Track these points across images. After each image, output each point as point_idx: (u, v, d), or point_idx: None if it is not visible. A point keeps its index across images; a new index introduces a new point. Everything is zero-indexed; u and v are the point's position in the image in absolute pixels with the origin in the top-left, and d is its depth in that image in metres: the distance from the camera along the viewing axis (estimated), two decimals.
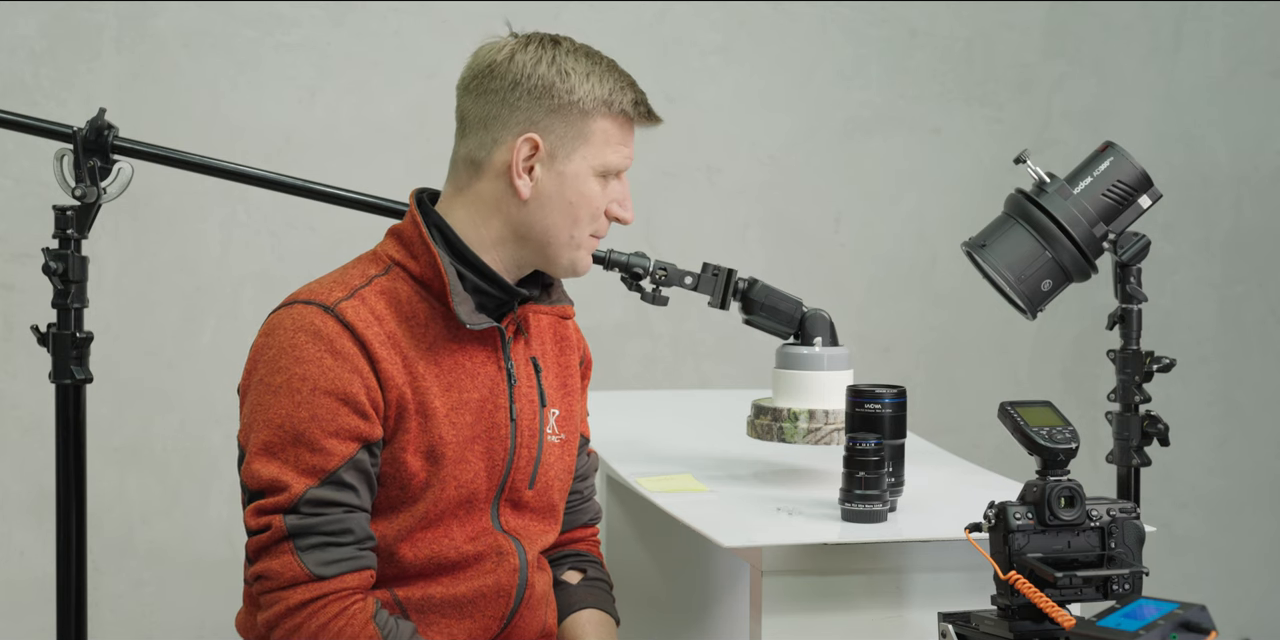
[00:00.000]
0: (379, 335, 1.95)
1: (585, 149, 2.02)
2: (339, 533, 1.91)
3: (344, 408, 1.91)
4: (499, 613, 2.05)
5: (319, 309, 1.94)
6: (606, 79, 2.04)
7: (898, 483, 2.18)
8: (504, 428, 2.04)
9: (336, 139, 3.59)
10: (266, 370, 1.94)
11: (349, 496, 1.92)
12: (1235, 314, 4.15)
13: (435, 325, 1.99)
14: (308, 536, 1.90)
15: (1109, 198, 2.38)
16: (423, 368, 1.97)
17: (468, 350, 2.02)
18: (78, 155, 2.20)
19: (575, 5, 3.68)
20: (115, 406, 3.47)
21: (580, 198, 2.02)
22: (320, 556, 1.90)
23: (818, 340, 2.34)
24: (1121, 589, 1.86)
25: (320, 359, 1.92)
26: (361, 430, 1.93)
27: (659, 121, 2.08)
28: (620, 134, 2.05)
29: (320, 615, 1.90)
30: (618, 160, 2.05)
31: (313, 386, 1.91)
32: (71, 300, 2.21)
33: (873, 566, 2.07)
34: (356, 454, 1.92)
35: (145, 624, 3.57)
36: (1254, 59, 4.11)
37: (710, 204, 3.82)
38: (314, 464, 1.91)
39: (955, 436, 3.49)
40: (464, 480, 2.00)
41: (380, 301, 1.98)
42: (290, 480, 1.90)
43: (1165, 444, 2.45)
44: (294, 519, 1.90)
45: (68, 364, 2.21)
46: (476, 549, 2.03)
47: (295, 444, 1.91)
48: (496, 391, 2.03)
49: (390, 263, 2.02)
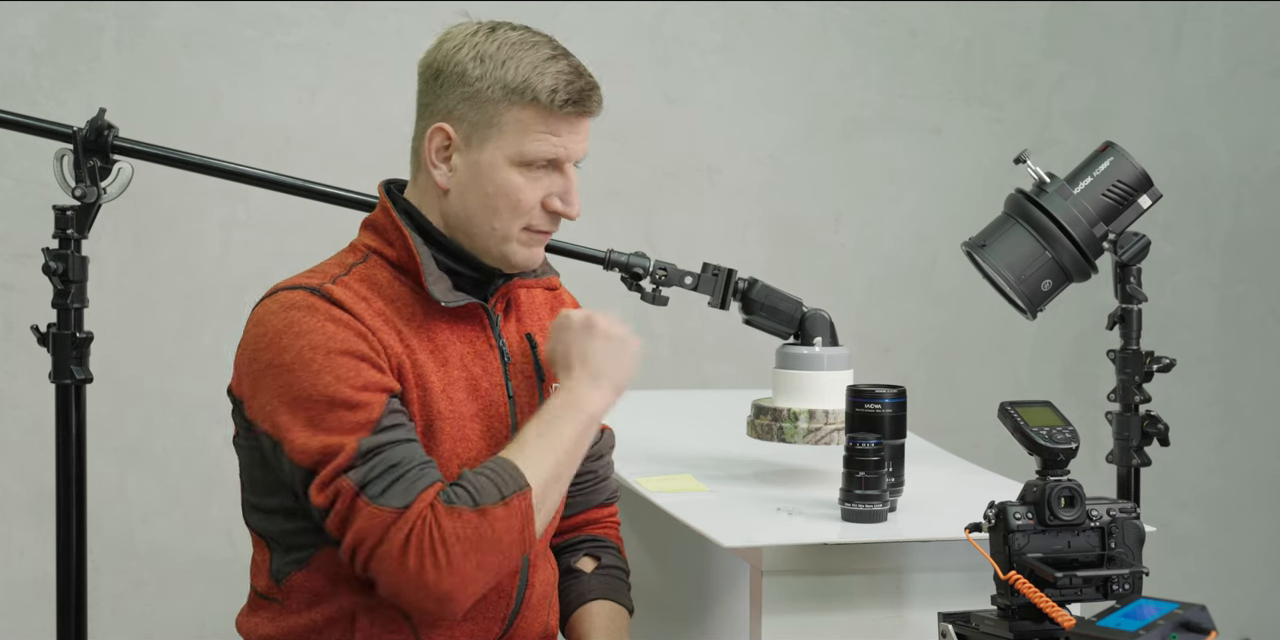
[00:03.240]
0: (368, 311, 1.95)
1: (499, 138, 1.96)
2: (395, 465, 1.87)
3: (362, 364, 1.90)
4: (499, 615, 2.04)
5: (305, 292, 1.94)
6: (524, 66, 1.96)
7: (898, 483, 2.18)
8: (503, 406, 2.03)
9: (336, 139, 3.59)
10: (273, 352, 1.92)
11: (398, 433, 1.89)
12: (1235, 314, 4.15)
13: (419, 307, 1.99)
14: (375, 484, 1.86)
15: (1109, 198, 2.39)
16: (415, 345, 1.97)
17: (456, 329, 2.01)
18: (78, 155, 2.20)
19: (575, 5, 3.68)
20: (115, 406, 3.47)
21: (497, 188, 1.98)
22: (394, 493, 1.85)
23: (818, 340, 2.34)
24: (1121, 589, 1.86)
25: (321, 327, 1.91)
26: (384, 382, 1.91)
27: (585, 112, 1.99)
28: (542, 123, 1.97)
29: (424, 536, 1.84)
30: (537, 150, 1.97)
31: (325, 351, 1.89)
32: (71, 300, 2.21)
33: (873, 566, 2.07)
34: (389, 401, 1.90)
35: (145, 624, 3.57)
36: (1254, 59, 4.11)
37: (710, 204, 3.82)
38: (357, 420, 1.88)
39: (955, 436, 3.49)
40: (466, 458, 1.99)
41: (362, 286, 1.98)
42: (341, 441, 1.87)
43: (1165, 444, 2.45)
44: (357, 473, 1.86)
45: (68, 364, 2.21)
46: None
47: (331, 408, 1.88)
48: (490, 369, 2.03)
49: (367, 251, 2.02)
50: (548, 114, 1.97)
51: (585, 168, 2.07)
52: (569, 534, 2.23)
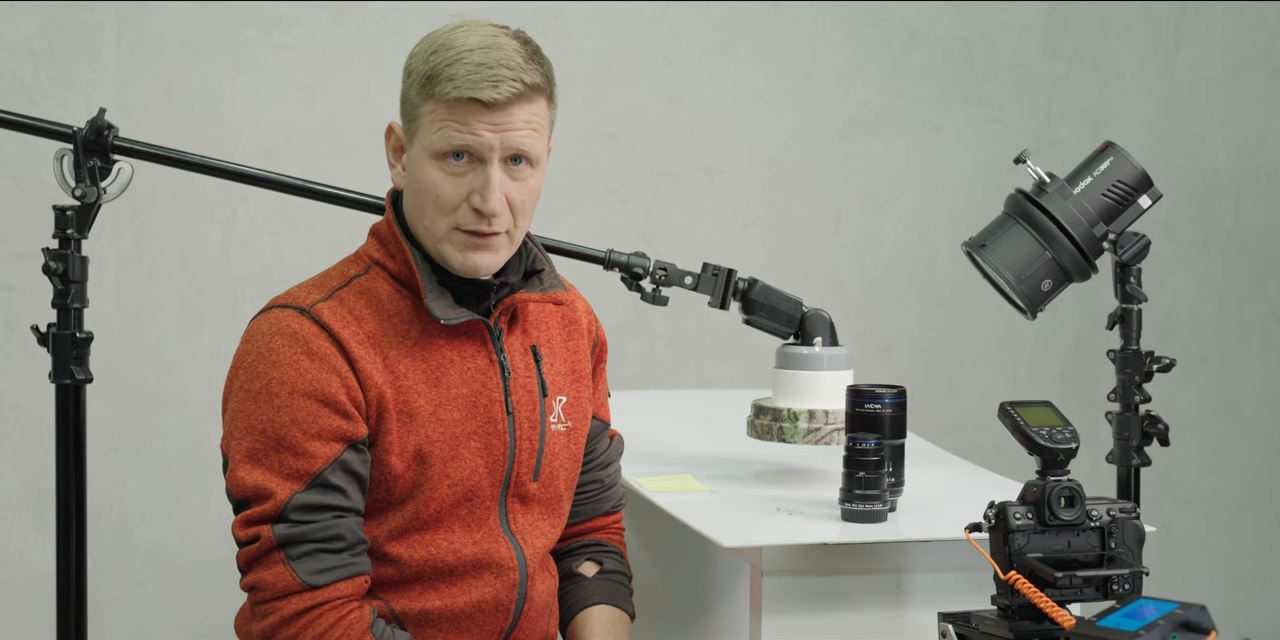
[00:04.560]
0: (357, 334, 1.93)
1: (421, 133, 1.93)
2: (329, 539, 1.89)
3: (324, 409, 1.89)
4: (498, 627, 2.03)
5: (295, 311, 1.93)
6: (442, 59, 1.90)
7: (898, 483, 2.18)
8: (500, 422, 2.01)
9: (336, 139, 3.59)
10: (246, 376, 1.92)
11: (337, 499, 1.90)
12: (1235, 314, 4.15)
13: (418, 322, 1.97)
14: (298, 545, 1.88)
15: (1109, 198, 2.39)
16: (406, 365, 1.95)
17: (455, 345, 1.99)
18: (78, 155, 2.20)
19: (575, 5, 3.68)
20: (115, 406, 3.47)
21: (420, 185, 1.95)
22: (312, 565, 1.88)
23: (818, 340, 2.35)
24: (1121, 589, 1.86)
25: (297, 361, 1.90)
26: (345, 430, 1.90)
27: (490, 100, 1.88)
28: (448, 112, 1.90)
29: (316, 625, 1.88)
30: (444, 140, 1.90)
31: (291, 389, 1.89)
32: (71, 300, 2.21)
33: (873, 566, 2.07)
34: (342, 454, 1.90)
35: (145, 624, 3.57)
36: (1254, 59, 4.12)
37: (710, 204, 3.82)
38: (298, 468, 1.88)
39: (955, 436, 3.49)
40: (459, 478, 1.98)
41: (359, 302, 1.96)
42: (275, 487, 1.88)
43: (1165, 444, 2.45)
44: (282, 528, 1.88)
45: (68, 364, 2.21)
46: (475, 555, 2.00)
47: (278, 449, 1.89)
48: (489, 385, 2.00)
49: (370, 262, 2.01)
50: (453, 103, 1.90)
51: (585, 168, 2.06)
52: (572, 539, 2.22)
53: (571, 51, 3.63)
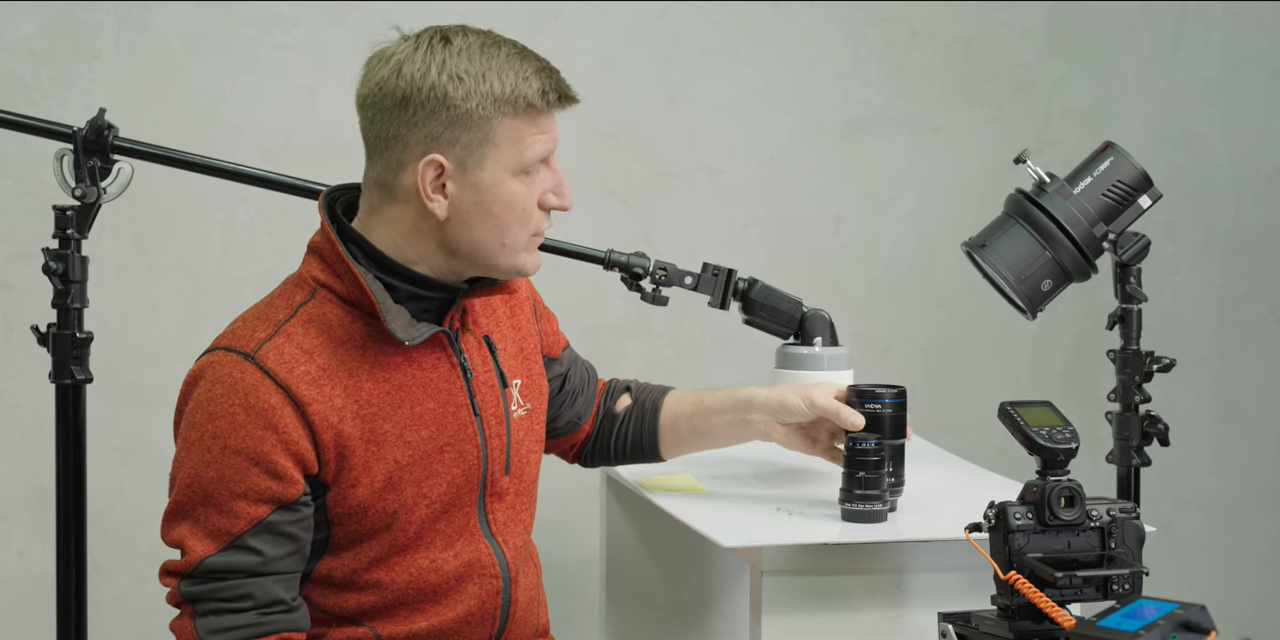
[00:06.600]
0: (308, 373, 1.87)
1: (495, 153, 1.87)
2: (235, 599, 1.87)
3: (254, 468, 1.85)
4: (485, 635, 2.03)
5: (239, 357, 1.86)
6: (506, 74, 1.87)
7: (898, 483, 2.18)
8: (470, 426, 1.98)
9: (336, 139, 3.57)
10: (187, 423, 1.90)
11: (250, 561, 1.86)
12: (1235, 314, 4.15)
13: (375, 343, 1.91)
14: (203, 603, 1.88)
15: (1109, 198, 2.39)
16: (369, 389, 1.90)
17: (416, 358, 1.94)
18: (78, 155, 2.20)
19: (575, 5, 3.68)
20: (115, 406, 3.47)
21: (503, 205, 1.89)
22: (215, 623, 1.87)
23: (818, 340, 2.35)
24: (1121, 589, 1.86)
25: (232, 415, 1.85)
26: (273, 491, 1.86)
27: (574, 101, 1.93)
28: (531, 126, 1.89)
29: None
30: (534, 153, 1.90)
31: (223, 445, 1.85)
32: (71, 300, 2.21)
33: (873, 566, 2.07)
34: (269, 516, 1.86)
35: (145, 624, 3.57)
36: (1254, 59, 4.11)
37: (710, 204, 3.82)
38: (220, 526, 1.86)
39: (955, 436, 3.49)
40: (435, 496, 1.95)
41: (309, 333, 1.89)
42: (193, 545, 1.88)
43: (1165, 444, 2.46)
44: (187, 585, 1.89)
45: (68, 364, 2.21)
46: (457, 568, 1.98)
47: (204, 503, 1.87)
48: (454, 392, 1.97)
49: (316, 285, 1.93)
50: (539, 115, 1.89)
51: (585, 168, 2.07)
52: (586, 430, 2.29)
53: (571, 52, 3.63)
